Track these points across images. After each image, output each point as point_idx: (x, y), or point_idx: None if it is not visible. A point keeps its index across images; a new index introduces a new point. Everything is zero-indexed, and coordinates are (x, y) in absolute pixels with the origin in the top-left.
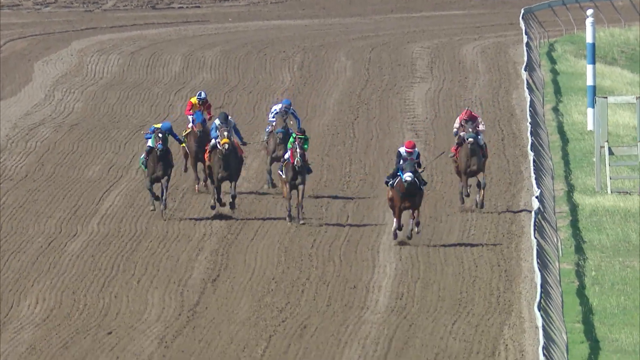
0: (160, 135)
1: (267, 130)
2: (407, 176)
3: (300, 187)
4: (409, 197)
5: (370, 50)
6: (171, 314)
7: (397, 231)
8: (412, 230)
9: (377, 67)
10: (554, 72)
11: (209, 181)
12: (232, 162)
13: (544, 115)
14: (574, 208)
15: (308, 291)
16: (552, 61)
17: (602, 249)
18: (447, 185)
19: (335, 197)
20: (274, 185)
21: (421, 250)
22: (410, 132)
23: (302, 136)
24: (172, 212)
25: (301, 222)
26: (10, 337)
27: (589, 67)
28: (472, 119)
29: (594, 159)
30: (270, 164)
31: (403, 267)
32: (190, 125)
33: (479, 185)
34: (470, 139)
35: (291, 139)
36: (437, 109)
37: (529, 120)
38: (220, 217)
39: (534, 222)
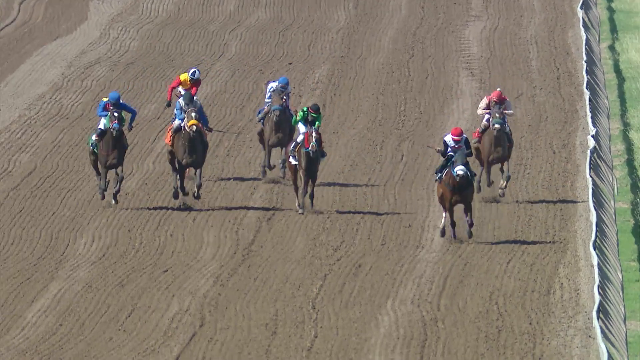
0: (116, 114)
1: (259, 113)
2: (459, 170)
3: (313, 175)
4: (461, 191)
5: None
6: (226, 252)
7: (450, 227)
8: (469, 226)
9: (432, 5)
10: (610, 10)
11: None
12: (199, 146)
13: (600, 54)
14: (629, 147)
15: (362, 230)
16: None
17: None
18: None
19: (390, 136)
20: (271, 167)
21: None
22: (465, 71)
23: (315, 115)
24: (228, 151)
25: (300, 211)
26: (66, 275)
27: None
28: (501, 102)
29: None
30: (269, 156)
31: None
32: None
33: (502, 170)
34: (496, 125)
35: (300, 114)
36: (492, 48)
37: (585, 58)
38: (186, 208)
39: (590, 161)
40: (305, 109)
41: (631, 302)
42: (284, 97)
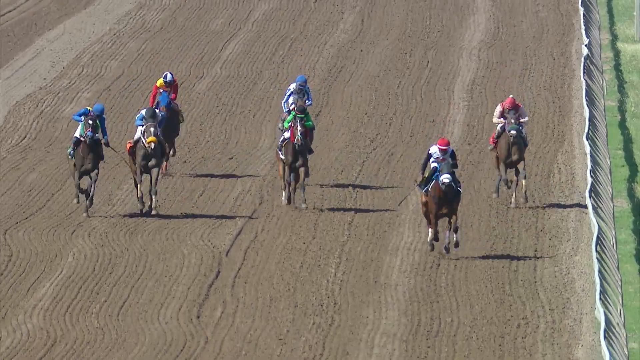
0: (90, 122)
1: (281, 119)
2: (445, 178)
3: (302, 169)
4: (447, 202)
5: None
6: None
7: (434, 242)
8: (449, 243)
9: None
10: None
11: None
12: (157, 158)
13: None
14: (617, 54)
15: (394, 124)
16: None
17: None
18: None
19: (418, 46)
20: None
21: (490, 87)
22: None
23: (301, 115)
24: (282, 59)
25: (303, 205)
26: None
27: None
28: (514, 108)
29: (635, 13)
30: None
31: (474, 104)
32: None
33: (517, 174)
34: (512, 132)
35: (289, 117)
36: None
37: None
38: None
39: (584, 66)
40: (292, 112)
41: (618, 184)
42: (304, 98)
